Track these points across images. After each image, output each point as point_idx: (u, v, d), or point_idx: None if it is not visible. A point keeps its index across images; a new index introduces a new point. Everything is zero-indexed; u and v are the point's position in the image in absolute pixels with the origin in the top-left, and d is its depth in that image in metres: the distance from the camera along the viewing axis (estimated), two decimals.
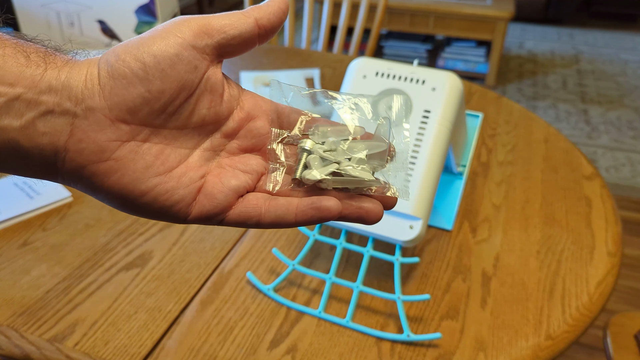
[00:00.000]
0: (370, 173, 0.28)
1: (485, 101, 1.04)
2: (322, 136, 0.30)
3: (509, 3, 2.75)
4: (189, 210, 0.29)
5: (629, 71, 3.05)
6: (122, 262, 0.64)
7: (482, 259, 0.66)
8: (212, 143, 0.30)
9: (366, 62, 0.60)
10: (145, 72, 0.26)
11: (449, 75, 0.58)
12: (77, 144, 0.26)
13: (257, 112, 0.31)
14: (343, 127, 0.30)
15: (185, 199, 0.29)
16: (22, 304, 0.58)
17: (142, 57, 0.26)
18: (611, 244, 0.68)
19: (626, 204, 1.98)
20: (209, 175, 0.30)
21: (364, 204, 0.29)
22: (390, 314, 0.58)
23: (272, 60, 1.21)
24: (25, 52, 0.26)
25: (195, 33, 0.28)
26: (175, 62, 0.27)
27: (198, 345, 0.54)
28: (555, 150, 0.88)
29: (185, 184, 0.29)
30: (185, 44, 0.27)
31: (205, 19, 0.28)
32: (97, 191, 0.28)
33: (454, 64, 2.92)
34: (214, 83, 0.29)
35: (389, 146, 0.29)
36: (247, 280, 0.62)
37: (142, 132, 0.28)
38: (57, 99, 0.26)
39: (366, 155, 0.29)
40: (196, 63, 0.28)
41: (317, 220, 0.28)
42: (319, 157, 0.29)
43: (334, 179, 0.28)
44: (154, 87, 0.27)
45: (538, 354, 0.54)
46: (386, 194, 0.29)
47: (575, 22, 3.78)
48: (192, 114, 0.29)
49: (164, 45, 0.27)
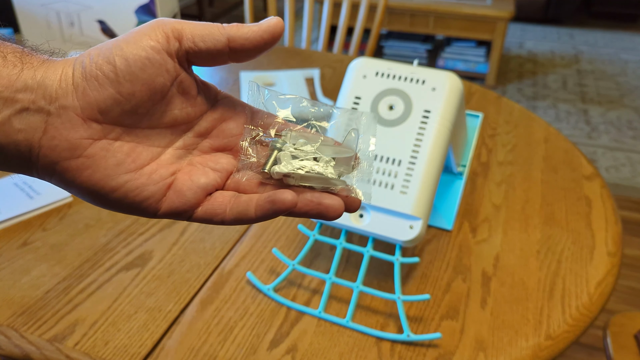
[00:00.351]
0: (336, 175, 0.30)
1: (485, 101, 1.04)
2: (294, 138, 0.31)
3: (509, 3, 2.75)
4: (159, 206, 0.30)
5: (629, 71, 3.05)
6: (122, 262, 0.64)
7: (482, 259, 0.66)
8: (184, 142, 0.31)
9: (366, 62, 0.60)
10: (116, 74, 0.27)
11: (449, 75, 0.58)
12: (50, 140, 0.27)
13: (231, 113, 0.32)
14: (316, 135, 0.32)
15: (155, 195, 0.30)
16: (22, 304, 0.58)
17: (114, 60, 0.27)
18: (611, 244, 0.68)
19: (626, 204, 1.98)
20: (180, 172, 0.31)
21: (325, 200, 0.29)
22: (390, 314, 0.58)
23: (272, 60, 1.21)
24: (3, 52, 0.27)
25: (168, 37, 0.28)
26: (146, 65, 0.28)
27: (198, 345, 0.54)
28: (555, 150, 0.88)
29: (156, 180, 0.30)
30: (158, 48, 0.28)
31: (180, 24, 0.29)
32: (69, 186, 0.29)
33: (454, 64, 2.92)
34: (186, 86, 0.30)
35: (355, 154, 0.31)
36: (247, 280, 0.62)
37: (113, 130, 0.29)
38: (32, 97, 0.27)
39: (333, 158, 0.30)
40: (167, 66, 0.28)
41: (273, 212, 0.29)
42: (289, 154, 0.30)
43: (300, 175, 0.30)
44: (124, 89, 0.28)
45: (538, 354, 0.54)
46: (350, 195, 0.30)
47: (575, 22, 3.78)
48: (164, 114, 0.30)
49: (136, 48, 0.28)
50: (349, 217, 0.57)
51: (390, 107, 0.58)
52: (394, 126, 0.57)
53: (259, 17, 2.47)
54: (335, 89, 1.07)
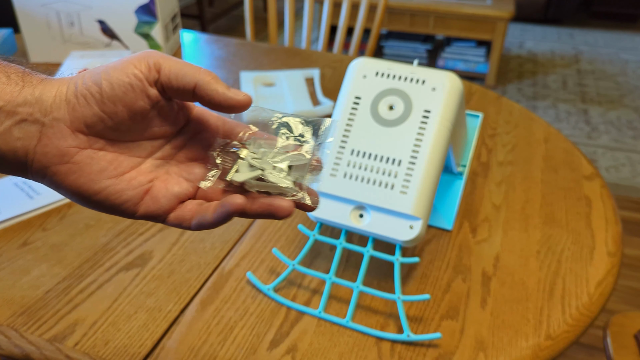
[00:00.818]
0: (291, 181, 0.33)
1: (485, 101, 1.04)
2: (257, 147, 0.35)
3: (509, 3, 2.75)
4: (136, 209, 0.34)
5: (629, 71, 3.05)
6: (122, 262, 0.64)
7: (482, 259, 0.66)
8: (163, 153, 0.36)
9: (366, 62, 0.60)
10: (101, 95, 0.31)
11: (449, 75, 0.58)
12: (44, 147, 0.31)
13: (205, 126, 0.36)
14: (278, 143, 0.35)
15: (133, 199, 0.34)
16: (22, 304, 0.58)
17: (101, 83, 0.31)
18: (611, 244, 0.68)
19: (626, 204, 1.98)
20: (157, 180, 0.35)
21: (275, 202, 0.33)
22: (390, 313, 0.58)
23: (272, 60, 1.21)
24: (7, 72, 0.31)
25: (150, 68, 0.32)
26: (129, 90, 0.32)
27: (198, 345, 0.54)
28: (555, 150, 0.88)
29: (134, 186, 0.34)
30: (140, 77, 0.32)
31: (162, 59, 0.33)
32: (58, 187, 0.33)
33: (454, 64, 2.92)
34: (166, 110, 0.34)
35: (309, 160, 0.34)
36: (247, 280, 0.62)
37: (98, 141, 0.33)
38: (30, 110, 0.31)
39: (289, 166, 0.34)
40: (148, 93, 0.32)
41: (226, 215, 0.32)
42: (247, 163, 0.34)
43: (256, 183, 0.33)
44: (108, 108, 0.32)
45: (538, 354, 0.54)
46: (303, 201, 0.34)
47: (575, 22, 3.78)
48: (145, 130, 0.34)
49: (121, 74, 0.32)
50: (349, 217, 0.57)
51: (390, 107, 0.58)
52: (394, 126, 0.57)
53: (259, 17, 2.47)
54: (335, 89, 1.07)
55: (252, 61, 1.20)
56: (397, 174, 0.56)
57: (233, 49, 1.27)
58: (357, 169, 0.57)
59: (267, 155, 0.34)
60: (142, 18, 1.13)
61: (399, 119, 0.57)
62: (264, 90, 1.05)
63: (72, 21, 1.12)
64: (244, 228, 0.70)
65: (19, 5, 1.10)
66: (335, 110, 0.60)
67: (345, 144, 0.58)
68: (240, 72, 1.12)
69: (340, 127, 0.58)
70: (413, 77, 0.58)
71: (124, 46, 1.15)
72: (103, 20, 1.13)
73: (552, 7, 3.57)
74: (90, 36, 1.14)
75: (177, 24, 1.25)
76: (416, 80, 0.58)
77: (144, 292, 0.60)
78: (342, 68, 1.17)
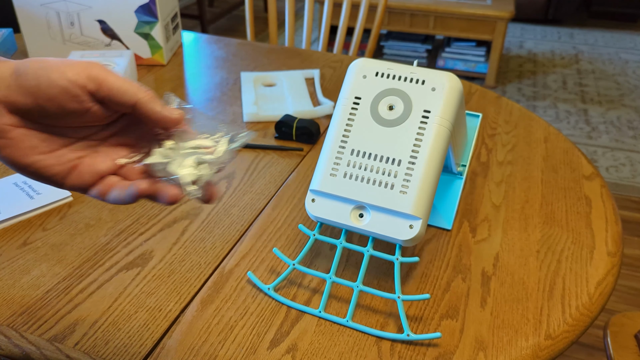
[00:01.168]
0: (192, 174, 0.38)
1: (485, 101, 1.04)
2: (179, 140, 0.39)
3: (509, 3, 2.75)
4: (64, 182, 0.38)
5: (629, 71, 3.06)
6: (123, 262, 0.64)
7: (482, 258, 0.66)
8: (97, 136, 0.40)
9: (366, 63, 0.60)
10: (38, 89, 0.35)
11: (448, 75, 0.58)
12: None
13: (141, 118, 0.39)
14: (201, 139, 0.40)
15: (60, 173, 0.38)
16: (22, 304, 0.58)
17: (40, 78, 0.34)
18: (611, 244, 0.68)
19: (626, 204, 1.98)
20: (86, 157, 0.39)
21: (164, 187, 0.37)
22: (390, 313, 0.58)
23: (272, 60, 1.21)
24: None
25: (89, 79, 0.35)
26: (62, 92, 0.35)
27: (198, 345, 0.55)
28: (555, 150, 0.88)
29: (62, 162, 0.38)
30: (76, 84, 0.35)
31: (104, 74, 0.36)
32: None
33: (454, 64, 2.92)
34: (100, 113, 0.38)
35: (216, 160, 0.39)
36: (247, 279, 0.62)
37: (33, 123, 0.36)
38: None
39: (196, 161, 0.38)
40: (82, 99, 0.36)
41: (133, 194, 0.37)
42: (160, 152, 0.39)
43: (161, 170, 0.38)
44: (40, 102, 0.35)
45: (538, 354, 0.54)
46: (190, 194, 0.38)
47: (575, 22, 3.78)
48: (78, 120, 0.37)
49: (60, 77, 0.35)
50: (349, 216, 0.57)
51: (390, 107, 0.58)
52: (394, 126, 0.57)
53: (259, 17, 2.47)
54: (335, 89, 1.07)
55: (252, 61, 1.21)
56: (397, 174, 0.56)
57: (233, 49, 1.27)
58: (357, 169, 0.57)
59: (182, 149, 0.39)
60: (142, 18, 1.13)
61: (398, 119, 0.57)
62: (264, 91, 1.05)
63: (72, 21, 1.13)
64: (244, 228, 0.70)
65: (18, 5, 1.10)
66: (335, 110, 0.60)
67: (345, 144, 0.58)
68: (240, 72, 1.12)
69: (340, 127, 0.58)
70: (413, 77, 0.58)
71: (124, 46, 1.15)
72: (103, 20, 1.13)
73: (552, 7, 3.57)
74: (90, 36, 1.14)
75: (177, 24, 1.25)
76: (416, 80, 0.58)
77: (144, 292, 0.60)
78: (342, 68, 1.17)
